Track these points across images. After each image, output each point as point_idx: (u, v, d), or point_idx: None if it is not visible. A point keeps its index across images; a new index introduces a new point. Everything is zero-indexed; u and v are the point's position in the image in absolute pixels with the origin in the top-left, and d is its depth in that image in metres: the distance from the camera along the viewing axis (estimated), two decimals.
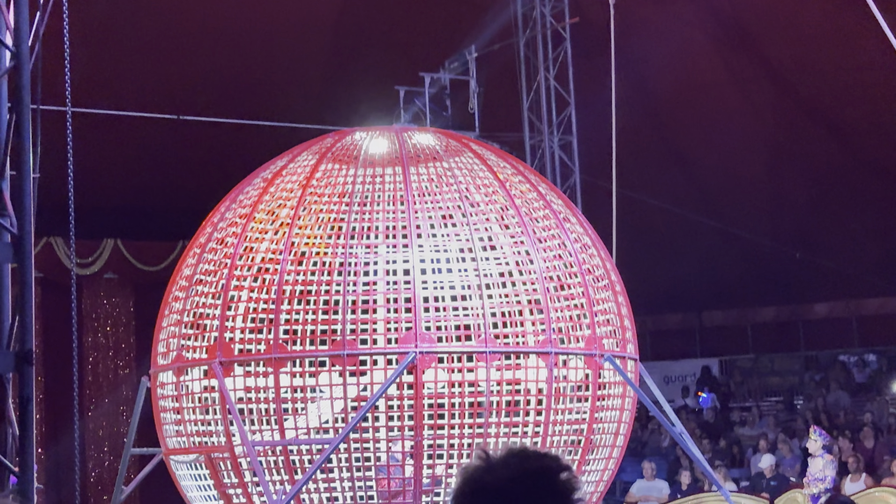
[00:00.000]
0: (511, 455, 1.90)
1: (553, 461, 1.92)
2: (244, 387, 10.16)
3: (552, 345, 10.08)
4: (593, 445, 10.48)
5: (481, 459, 1.91)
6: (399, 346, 9.93)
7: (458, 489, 1.92)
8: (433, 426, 10.01)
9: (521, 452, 1.91)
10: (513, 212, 10.44)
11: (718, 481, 12.07)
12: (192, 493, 10.61)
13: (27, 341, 5.65)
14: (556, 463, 1.92)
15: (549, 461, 1.92)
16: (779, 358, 24.29)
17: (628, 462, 16.29)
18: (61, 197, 11.08)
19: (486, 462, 1.90)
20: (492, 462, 1.89)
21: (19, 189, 5.94)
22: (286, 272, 10.14)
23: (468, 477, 1.90)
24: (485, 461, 1.90)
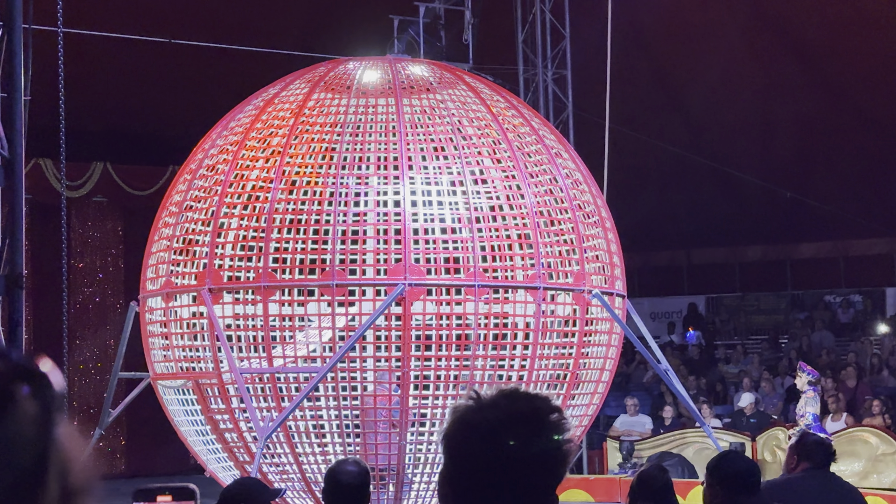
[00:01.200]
0: (501, 396, 1.91)
1: (543, 402, 1.94)
2: (233, 314, 10.20)
3: (541, 280, 10.12)
4: (579, 381, 10.57)
5: (471, 399, 1.92)
6: (388, 278, 9.96)
7: (448, 428, 1.93)
8: (420, 358, 10.07)
9: (512, 393, 1.92)
10: (505, 146, 10.42)
11: (702, 418, 12.20)
12: (178, 417, 10.68)
13: (17, 264, 5.65)
14: (545, 404, 1.94)
15: (539, 402, 1.94)
16: (765, 297, 24.42)
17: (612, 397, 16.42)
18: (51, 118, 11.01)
19: (477, 402, 1.91)
20: (482, 402, 1.91)
21: (10, 111, 5.90)
22: (277, 200, 10.13)
23: (458, 416, 1.91)
24: (475, 401, 1.91)
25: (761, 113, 21.15)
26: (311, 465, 10.03)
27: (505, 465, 1.89)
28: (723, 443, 13.34)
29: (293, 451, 10.00)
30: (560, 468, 1.98)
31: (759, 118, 21.26)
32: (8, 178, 5.69)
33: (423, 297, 10.03)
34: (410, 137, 10.32)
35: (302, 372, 10.04)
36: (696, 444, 15.65)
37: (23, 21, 6.17)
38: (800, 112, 20.49)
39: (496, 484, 1.90)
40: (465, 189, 10.27)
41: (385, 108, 10.55)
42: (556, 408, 1.94)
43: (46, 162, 17.42)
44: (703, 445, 15.18)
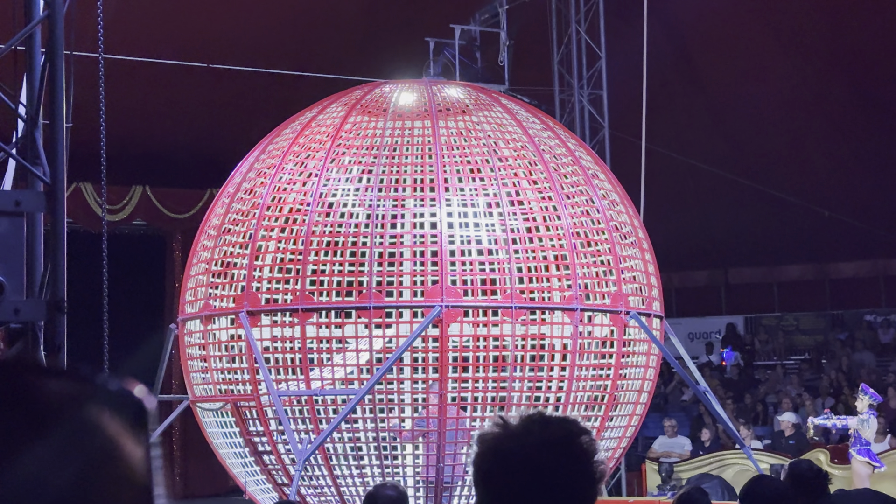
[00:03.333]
0: (531, 422, 1.92)
1: (574, 426, 1.95)
2: (271, 336, 10.25)
3: (578, 301, 10.11)
4: (617, 402, 10.53)
5: (499, 426, 1.93)
6: (425, 300, 9.98)
7: (480, 455, 1.93)
8: (457, 379, 10.08)
9: (542, 419, 1.93)
10: (541, 167, 10.44)
11: (742, 440, 12.12)
12: (217, 439, 10.74)
13: (59, 290, 5.72)
14: (577, 428, 1.95)
15: (570, 426, 1.95)
16: (804, 317, 24.21)
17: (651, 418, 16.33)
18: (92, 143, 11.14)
19: (505, 429, 1.92)
20: (511, 429, 1.91)
21: (52, 138, 5.98)
22: (314, 223, 10.19)
23: (489, 444, 1.92)
24: (503, 428, 1.92)
25: (800, 131, 21.04)
26: (348, 486, 10.05)
27: (540, 492, 1.90)
28: (763, 465, 13.24)
29: (331, 473, 10.02)
30: (593, 491, 1.99)
31: (798, 136, 21.15)
32: (50, 205, 5.77)
33: (459, 319, 10.04)
34: (447, 159, 10.37)
35: (339, 394, 10.07)
36: (736, 465, 15.53)
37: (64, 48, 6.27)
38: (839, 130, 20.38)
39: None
40: (502, 210, 10.29)
41: (421, 130, 10.60)
42: (586, 430, 1.95)
43: (86, 186, 17.61)
44: (743, 467, 15.05)
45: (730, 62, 20.20)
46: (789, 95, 20.41)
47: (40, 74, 6.27)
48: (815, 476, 5.58)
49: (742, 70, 20.07)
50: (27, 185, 6.10)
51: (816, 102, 20.52)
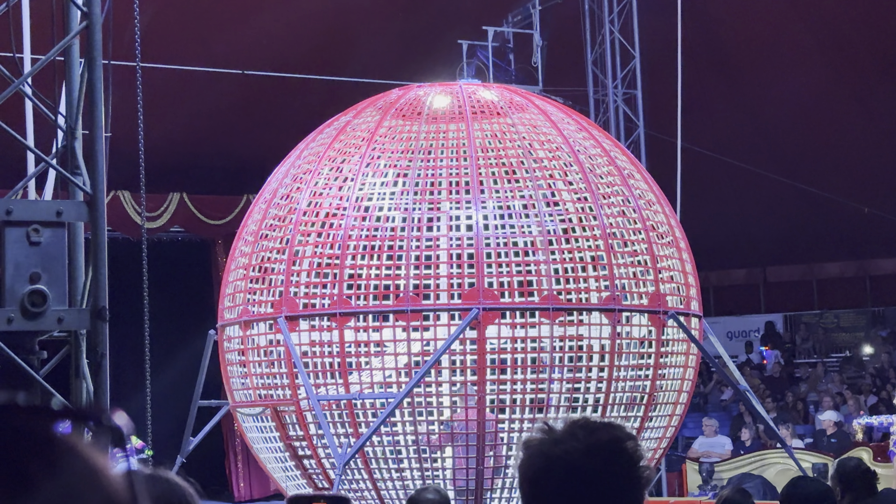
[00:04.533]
0: (577, 427, 1.92)
1: (619, 431, 1.95)
2: (309, 341, 10.29)
3: (615, 302, 10.09)
4: (656, 402, 10.50)
5: (544, 432, 1.93)
6: (462, 302, 9.99)
7: (525, 462, 1.94)
8: (496, 381, 10.08)
9: (587, 424, 1.93)
10: (576, 168, 10.42)
11: (783, 439, 12.04)
12: (258, 444, 10.80)
13: (101, 298, 5.77)
14: (622, 432, 1.95)
15: (615, 431, 1.95)
16: (844, 314, 24.04)
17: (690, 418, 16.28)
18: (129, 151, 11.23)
19: (550, 434, 1.92)
20: (556, 434, 1.92)
21: (92, 149, 6.04)
22: (350, 227, 10.23)
23: (535, 450, 1.92)
24: (548, 433, 1.92)
25: (837, 126, 20.89)
26: (388, 490, 10.07)
27: (586, 497, 1.91)
28: (805, 464, 13.14)
29: (371, 477, 10.05)
30: (639, 495, 1.99)
31: (836, 132, 20.99)
32: (91, 214, 5.82)
33: (497, 321, 10.04)
34: (481, 161, 10.37)
35: (378, 398, 10.10)
36: (778, 465, 15.41)
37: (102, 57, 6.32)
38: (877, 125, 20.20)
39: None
40: (538, 211, 10.29)
41: (456, 132, 10.61)
42: (632, 435, 1.96)
43: (124, 194, 17.75)
44: (784, 466, 14.94)
45: (765, 58, 20.08)
46: (827, 90, 20.26)
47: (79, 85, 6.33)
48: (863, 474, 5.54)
49: (778, 65, 19.94)
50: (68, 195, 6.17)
51: (854, 97, 20.36)
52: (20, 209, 5.73)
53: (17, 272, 5.51)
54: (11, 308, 5.48)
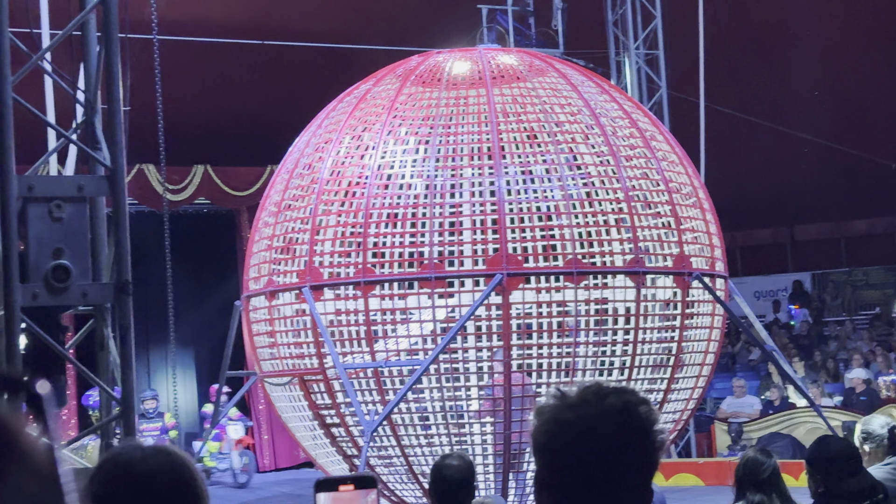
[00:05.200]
0: (590, 393, 1.92)
1: (632, 395, 1.94)
2: (334, 310, 10.33)
3: (640, 264, 10.06)
4: (682, 364, 10.48)
5: (557, 398, 1.93)
6: (486, 268, 9.98)
7: (538, 429, 1.94)
8: (521, 346, 10.09)
9: (599, 389, 1.92)
10: (598, 131, 10.37)
11: (812, 398, 12.01)
12: (286, 413, 10.86)
13: (124, 272, 5.80)
14: (634, 397, 1.95)
15: (628, 396, 1.94)
16: (873, 271, 23.89)
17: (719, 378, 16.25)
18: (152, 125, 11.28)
19: (563, 400, 1.92)
20: (569, 400, 1.92)
21: (111, 123, 6.05)
22: (373, 196, 10.23)
23: (549, 416, 1.92)
24: (561, 399, 1.92)
25: (863, 82, 20.68)
26: (417, 456, 10.12)
27: (600, 462, 1.91)
28: (834, 422, 13.11)
29: (399, 444, 10.10)
30: (653, 460, 1.99)
31: (862, 88, 20.79)
32: (112, 189, 5.84)
33: (521, 286, 10.04)
34: (503, 127, 10.33)
35: (404, 365, 10.13)
36: (807, 423, 15.39)
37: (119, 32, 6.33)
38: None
39: (592, 481, 1.91)
40: (560, 175, 10.25)
41: (476, 98, 10.57)
42: (645, 399, 1.95)
43: (149, 167, 17.80)
44: (814, 425, 14.92)
45: (789, 15, 19.87)
46: (853, 47, 20.05)
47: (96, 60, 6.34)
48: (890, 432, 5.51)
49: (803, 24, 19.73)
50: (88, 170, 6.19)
51: (882, 54, 20.14)
52: (42, 185, 5.76)
53: (40, 248, 5.55)
54: (36, 283, 5.52)
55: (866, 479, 4.14)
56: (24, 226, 5.55)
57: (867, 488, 4.02)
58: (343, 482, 1.61)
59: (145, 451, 1.86)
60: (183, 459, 1.83)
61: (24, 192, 5.60)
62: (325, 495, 1.58)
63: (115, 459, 1.86)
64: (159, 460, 1.82)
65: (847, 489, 4.01)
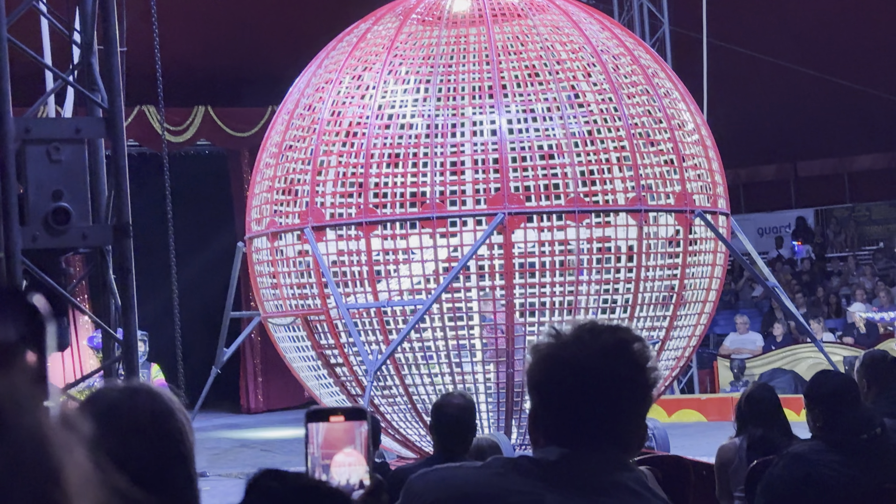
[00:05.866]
0: (583, 330, 1.92)
1: (625, 333, 1.95)
2: (336, 251, 10.34)
3: (642, 202, 10.05)
4: (685, 301, 10.51)
5: (552, 336, 1.93)
6: (488, 208, 9.98)
7: (534, 365, 1.95)
8: (524, 285, 10.11)
9: (593, 327, 1.93)
10: (599, 68, 10.31)
11: (813, 333, 12.05)
12: (290, 353, 10.92)
13: (124, 214, 5.79)
14: (628, 335, 1.95)
15: (622, 333, 1.95)
16: (876, 206, 23.85)
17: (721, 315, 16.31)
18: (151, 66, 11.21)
19: (558, 338, 1.92)
20: (563, 338, 1.92)
21: (108, 64, 6.01)
22: (374, 136, 10.20)
23: (543, 353, 1.93)
24: (556, 337, 1.93)
25: (867, 16, 20.49)
26: (420, 395, 10.19)
27: (593, 399, 1.91)
28: (836, 357, 13.17)
29: (402, 383, 10.16)
30: (648, 397, 2.00)
31: (865, 22, 20.60)
32: (110, 130, 5.82)
33: (523, 225, 10.04)
34: (503, 65, 10.27)
35: (407, 305, 10.16)
36: (809, 359, 15.47)
37: None
38: None
39: (586, 418, 1.92)
40: (562, 114, 10.21)
41: (476, 36, 10.50)
42: (639, 337, 1.95)
43: (150, 109, 17.72)
44: (816, 360, 14.99)
45: None
46: None
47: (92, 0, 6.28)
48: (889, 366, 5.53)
49: None
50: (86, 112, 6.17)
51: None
52: (39, 127, 5.74)
53: (39, 190, 5.54)
54: (35, 226, 5.52)
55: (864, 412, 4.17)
56: (22, 168, 5.54)
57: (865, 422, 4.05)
58: (334, 413, 1.60)
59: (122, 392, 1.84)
60: (163, 396, 1.82)
61: (21, 134, 5.59)
62: (315, 425, 1.58)
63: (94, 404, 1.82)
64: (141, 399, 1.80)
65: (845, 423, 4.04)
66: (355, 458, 1.58)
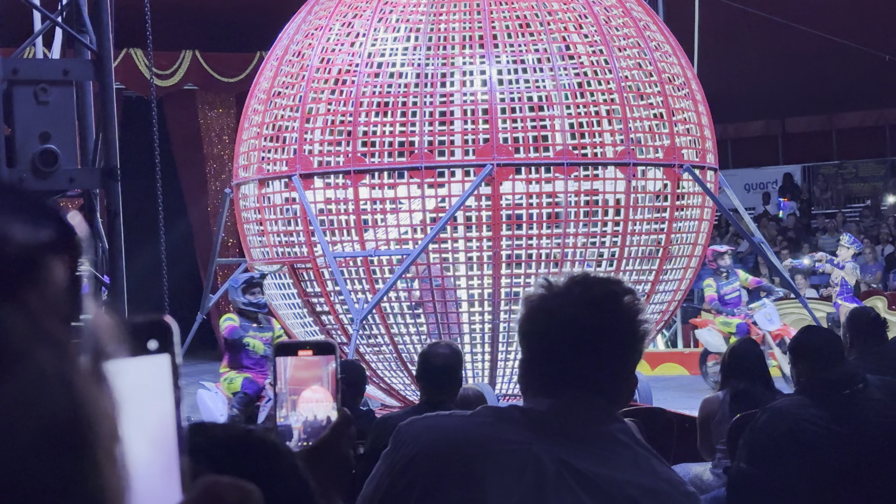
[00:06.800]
0: (574, 282, 1.92)
1: (616, 285, 1.95)
2: (324, 199, 10.32)
3: (630, 156, 10.04)
4: (671, 255, 10.54)
5: (543, 287, 1.94)
6: (476, 158, 9.96)
7: (524, 317, 1.95)
8: (511, 237, 10.12)
9: (585, 279, 1.93)
10: (591, 19, 10.26)
11: (797, 289, 12.11)
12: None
13: (111, 157, 5.77)
14: (619, 287, 1.95)
15: (612, 286, 1.95)
16: (863, 164, 23.90)
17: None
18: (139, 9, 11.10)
19: (549, 289, 1.93)
20: (555, 290, 1.92)
21: (96, 5, 5.96)
22: (363, 84, 10.14)
23: (533, 305, 1.93)
24: (547, 288, 1.93)
25: None
26: (406, 344, 10.22)
27: (583, 350, 1.92)
28: (819, 313, 13.25)
29: (388, 332, 10.19)
30: (637, 349, 2.01)
31: None
32: (98, 73, 5.78)
33: (512, 177, 10.02)
34: (495, 15, 10.21)
35: (394, 254, 10.17)
36: (793, 314, 15.55)
37: None
38: None
39: (576, 369, 1.93)
40: (552, 65, 10.17)
41: None
42: (630, 289, 1.96)
43: (137, 52, 17.59)
44: (800, 316, 15.08)
45: None
46: None
47: None
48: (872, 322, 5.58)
49: None
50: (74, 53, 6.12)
51: None
52: (27, 68, 5.70)
53: (26, 132, 5.51)
54: (23, 168, 5.49)
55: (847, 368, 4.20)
56: (9, 109, 5.50)
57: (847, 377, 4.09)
58: (302, 347, 1.58)
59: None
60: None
61: (8, 74, 5.54)
62: (283, 359, 1.56)
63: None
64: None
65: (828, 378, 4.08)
66: (322, 394, 1.56)
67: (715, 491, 4.65)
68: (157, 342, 0.86)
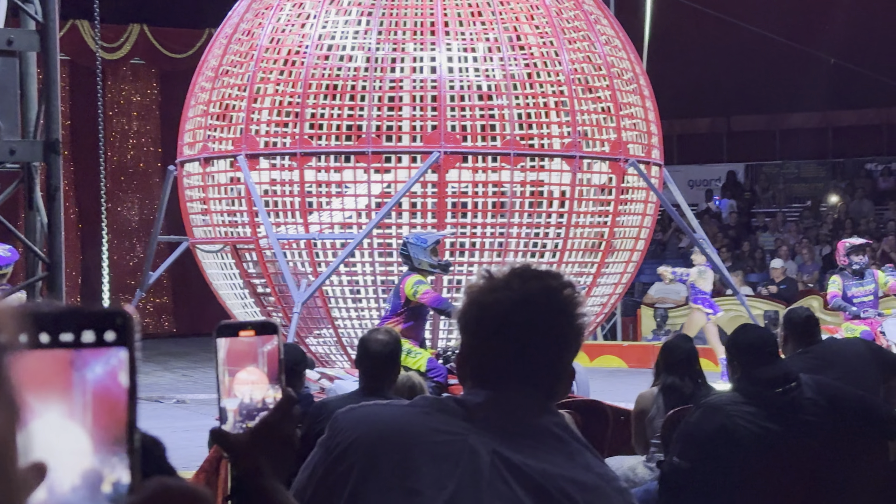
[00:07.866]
0: (514, 275, 1.92)
1: (554, 280, 1.95)
2: (269, 180, 10.26)
3: (577, 148, 10.09)
4: (613, 248, 10.61)
5: (484, 278, 1.94)
6: (424, 145, 9.95)
7: (463, 309, 1.96)
8: (455, 224, 10.13)
9: (523, 273, 1.93)
10: (542, 10, 10.28)
11: (735, 286, 12.24)
12: (217, 281, 10.86)
13: (53, 130, 5.68)
14: (557, 281, 1.96)
15: (550, 280, 1.95)
16: (805, 165, 24.18)
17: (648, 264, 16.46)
18: None
19: (489, 281, 1.93)
20: (494, 282, 1.93)
21: None
22: (313, 66, 10.09)
23: (472, 297, 1.93)
24: (487, 280, 1.93)
25: None
26: (346, 329, 10.20)
27: (519, 345, 1.93)
28: (756, 311, 13.40)
29: (329, 316, 10.16)
30: (575, 343, 2.01)
31: None
32: (43, 43, 5.69)
33: (458, 165, 10.03)
34: (447, 2, 10.20)
35: (338, 238, 10.14)
36: (730, 311, 15.72)
37: None
38: None
39: (512, 363, 1.93)
40: (502, 55, 10.18)
41: None
42: (568, 283, 1.96)
43: (83, 24, 17.34)
44: (737, 313, 15.24)
45: None
46: None
47: None
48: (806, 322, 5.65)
49: None
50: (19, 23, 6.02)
51: None
52: None
53: None
54: None
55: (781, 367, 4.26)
56: None
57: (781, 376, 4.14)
58: (244, 328, 1.56)
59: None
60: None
61: None
62: (224, 340, 1.54)
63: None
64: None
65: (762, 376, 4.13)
66: (257, 375, 1.55)
67: (647, 483, 4.69)
68: (115, 334, 0.79)
